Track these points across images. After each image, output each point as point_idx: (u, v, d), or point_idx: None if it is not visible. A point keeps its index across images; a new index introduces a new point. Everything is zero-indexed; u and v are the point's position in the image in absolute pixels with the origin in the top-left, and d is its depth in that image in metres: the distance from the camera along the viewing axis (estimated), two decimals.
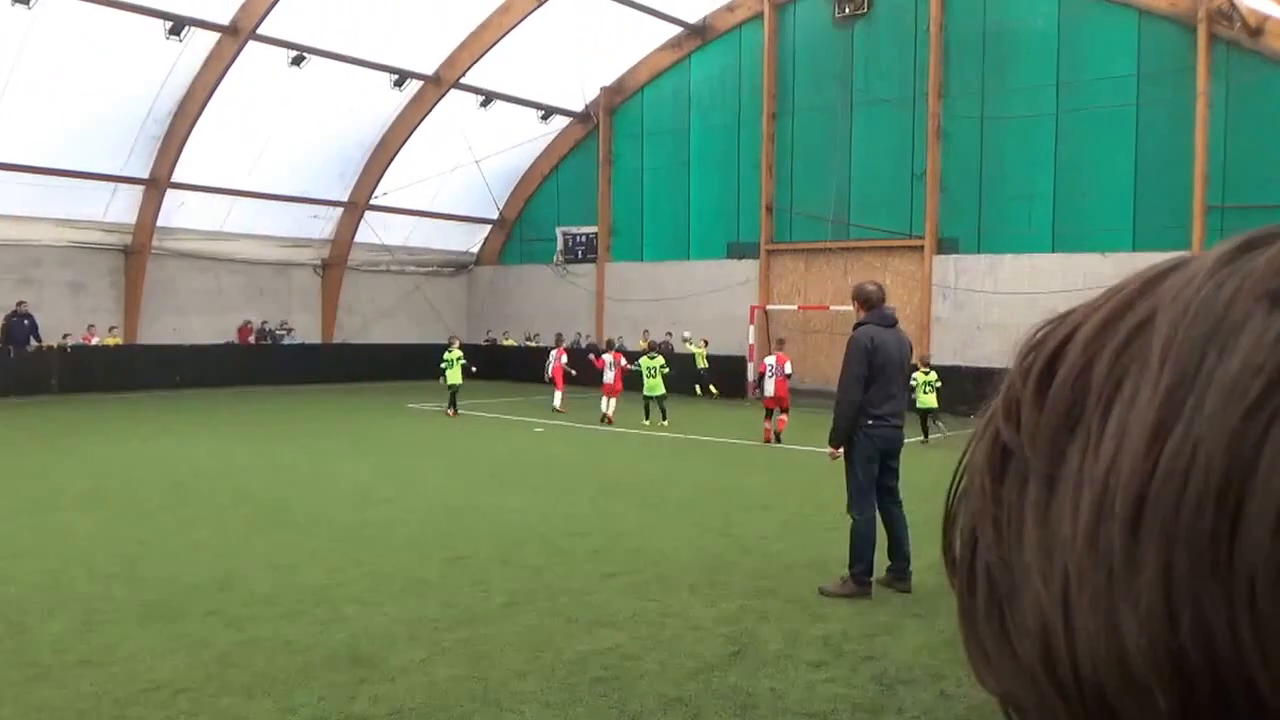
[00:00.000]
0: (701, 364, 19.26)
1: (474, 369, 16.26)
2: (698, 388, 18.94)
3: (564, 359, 16.61)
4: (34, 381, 17.46)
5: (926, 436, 12.99)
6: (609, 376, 15.24)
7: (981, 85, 18.21)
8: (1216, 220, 16.05)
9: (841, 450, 5.79)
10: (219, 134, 18.92)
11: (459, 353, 15.75)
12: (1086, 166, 17.20)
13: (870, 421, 5.64)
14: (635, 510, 8.07)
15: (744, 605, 5.44)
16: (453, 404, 15.54)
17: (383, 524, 7.32)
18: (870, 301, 5.76)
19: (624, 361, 15.57)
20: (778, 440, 12.77)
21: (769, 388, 13.07)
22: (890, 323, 5.77)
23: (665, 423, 14.32)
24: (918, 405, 12.78)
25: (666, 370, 14.90)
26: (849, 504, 5.78)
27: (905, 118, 18.98)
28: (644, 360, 14.98)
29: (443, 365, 15.62)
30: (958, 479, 0.31)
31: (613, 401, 15.16)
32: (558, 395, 16.34)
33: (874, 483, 5.72)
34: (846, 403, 5.69)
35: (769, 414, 13.08)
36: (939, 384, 13.41)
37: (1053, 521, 0.26)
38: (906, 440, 6.15)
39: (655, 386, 14.66)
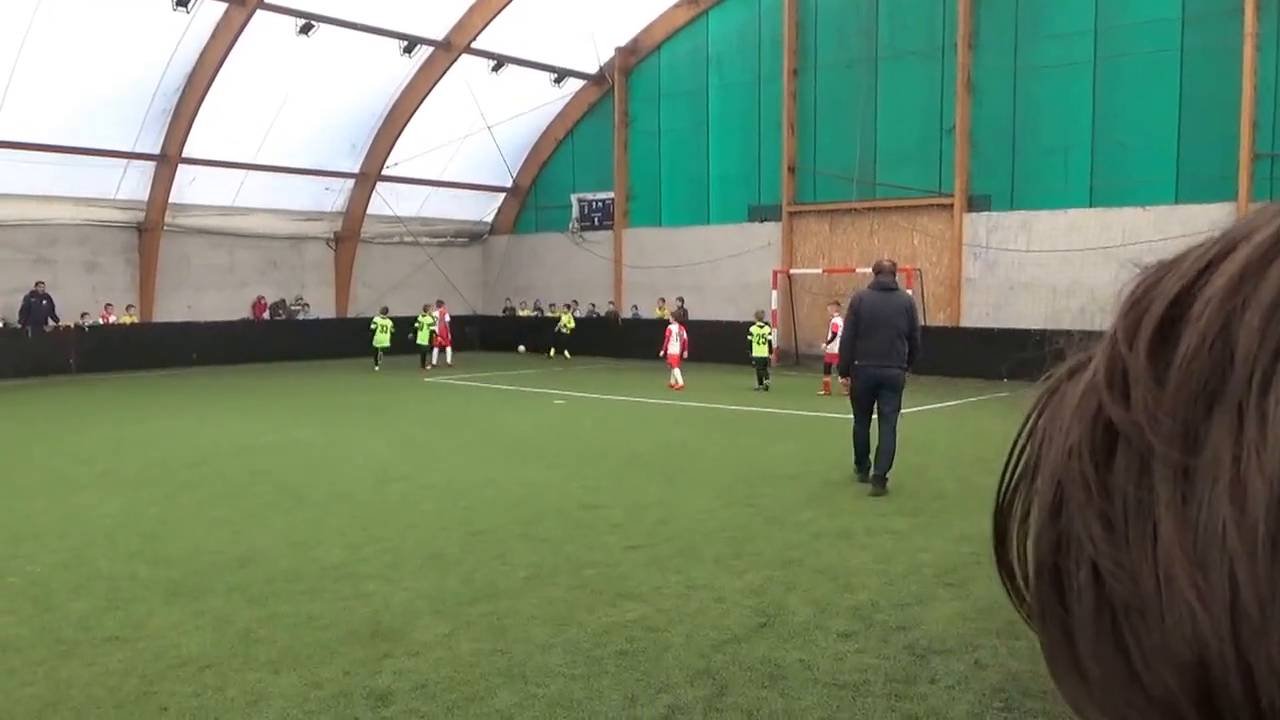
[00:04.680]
0: (566, 330, 21.83)
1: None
2: (552, 350, 21.63)
3: (447, 318, 20.29)
4: (52, 362, 17.41)
5: (760, 382, 15.19)
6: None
7: (1014, 34, 17.49)
8: (1266, 169, 15.36)
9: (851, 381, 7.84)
10: (229, 107, 18.68)
11: (389, 321, 19.17)
12: (1126, 116, 16.51)
13: (858, 362, 7.46)
14: (657, 482, 7.96)
15: (771, 576, 5.35)
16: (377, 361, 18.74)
17: (402, 499, 7.31)
18: (876, 271, 7.60)
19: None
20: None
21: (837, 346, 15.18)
22: (882, 288, 7.42)
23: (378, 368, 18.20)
24: (753, 355, 15.37)
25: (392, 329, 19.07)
26: None
27: (933, 70, 18.30)
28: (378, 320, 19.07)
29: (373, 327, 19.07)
30: (1013, 463, 0.26)
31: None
32: (448, 352, 19.91)
33: (867, 408, 7.62)
34: (841, 346, 7.91)
35: (828, 369, 14.74)
36: (770, 336, 16.18)
37: (1203, 523, 0.21)
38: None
39: (383, 341, 19.07)
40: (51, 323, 17.96)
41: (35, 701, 3.72)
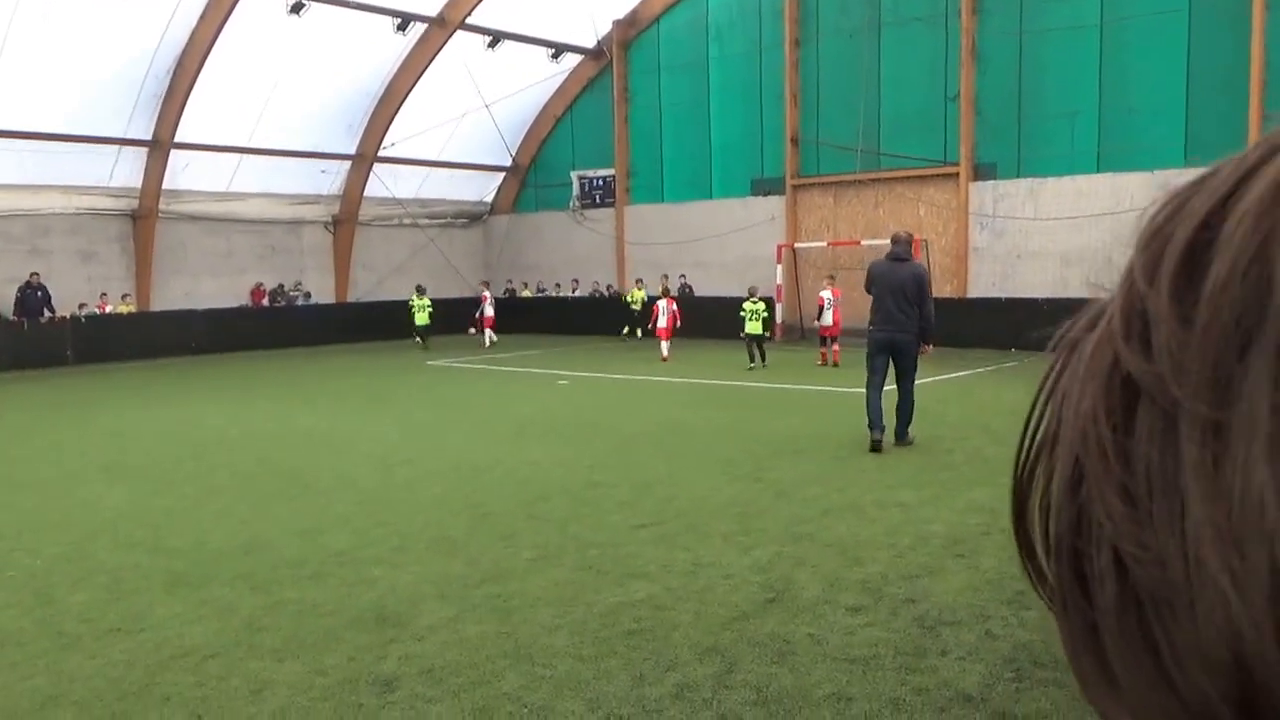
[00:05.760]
0: (636, 305, 20.90)
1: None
2: (626, 329, 21.06)
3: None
4: (49, 353, 17.23)
5: (762, 360, 14.61)
6: None
7: None
8: None
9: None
10: (220, 90, 18.45)
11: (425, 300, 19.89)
12: (1134, 79, 16.25)
13: (870, 327, 8.02)
14: (663, 459, 7.90)
15: (779, 552, 5.30)
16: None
17: (406, 484, 7.24)
18: (892, 241, 8.07)
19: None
20: (835, 365, 14.43)
21: (827, 318, 15.05)
22: (894, 258, 7.87)
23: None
24: (746, 332, 14.68)
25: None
26: None
27: (937, 36, 18.01)
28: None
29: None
30: (1032, 428, 0.22)
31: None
32: (490, 334, 20.12)
33: (879, 370, 7.96)
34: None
35: (823, 341, 15.10)
36: (765, 314, 15.16)
37: (1238, 492, 0.17)
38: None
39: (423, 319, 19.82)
40: (47, 314, 17.86)
41: (37, 695, 3.68)
